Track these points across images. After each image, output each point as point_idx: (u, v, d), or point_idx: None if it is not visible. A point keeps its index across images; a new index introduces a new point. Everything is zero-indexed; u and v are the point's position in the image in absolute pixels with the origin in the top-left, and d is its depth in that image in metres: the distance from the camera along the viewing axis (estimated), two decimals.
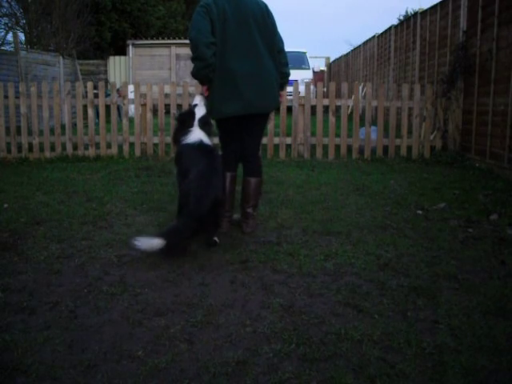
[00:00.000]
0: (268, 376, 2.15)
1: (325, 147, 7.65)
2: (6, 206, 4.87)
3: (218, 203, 3.57)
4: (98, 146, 7.91)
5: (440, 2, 8.53)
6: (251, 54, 3.82)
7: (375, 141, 7.62)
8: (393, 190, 5.51)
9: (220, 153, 4.11)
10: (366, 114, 7.59)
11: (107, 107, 7.91)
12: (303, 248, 3.67)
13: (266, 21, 3.89)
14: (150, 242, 3.25)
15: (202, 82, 3.95)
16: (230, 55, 3.78)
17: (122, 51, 18.99)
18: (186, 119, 3.96)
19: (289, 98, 7.76)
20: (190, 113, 3.98)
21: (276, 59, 3.96)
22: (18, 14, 16.81)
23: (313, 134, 7.66)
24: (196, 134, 3.85)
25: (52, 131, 7.95)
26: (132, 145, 7.91)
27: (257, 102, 3.85)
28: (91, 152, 7.84)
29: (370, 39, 14.55)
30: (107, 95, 8.45)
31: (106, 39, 19.30)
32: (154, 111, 7.97)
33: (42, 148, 7.85)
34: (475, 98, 6.92)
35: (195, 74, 3.84)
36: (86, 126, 8.23)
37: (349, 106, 9.01)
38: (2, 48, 15.20)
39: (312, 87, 9.10)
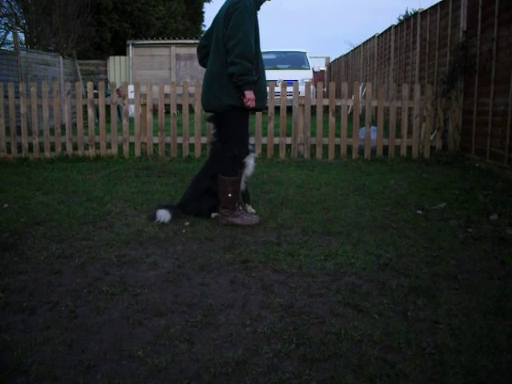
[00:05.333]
0: (268, 376, 2.14)
1: (325, 147, 7.65)
2: (6, 205, 4.87)
3: None
4: (98, 146, 7.91)
5: (440, 2, 8.52)
6: (212, 56, 4.12)
7: (375, 141, 7.61)
8: (393, 189, 5.50)
9: None
10: (366, 114, 7.59)
11: (107, 107, 7.91)
12: (303, 248, 3.67)
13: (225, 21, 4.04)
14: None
15: None
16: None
17: (122, 51, 18.97)
18: None
19: (289, 98, 7.77)
20: None
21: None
22: (18, 14, 16.77)
23: (313, 134, 7.66)
24: None
25: (52, 131, 7.94)
26: (132, 145, 7.91)
27: (203, 101, 4.30)
28: (91, 152, 7.84)
29: (370, 39, 14.54)
30: (107, 95, 8.45)
31: (106, 39, 19.29)
32: (154, 111, 7.97)
33: (42, 148, 7.85)
34: (475, 98, 6.91)
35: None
36: (86, 126, 8.23)
37: (349, 106, 9.01)
38: (2, 48, 15.16)
39: (312, 87, 9.11)
